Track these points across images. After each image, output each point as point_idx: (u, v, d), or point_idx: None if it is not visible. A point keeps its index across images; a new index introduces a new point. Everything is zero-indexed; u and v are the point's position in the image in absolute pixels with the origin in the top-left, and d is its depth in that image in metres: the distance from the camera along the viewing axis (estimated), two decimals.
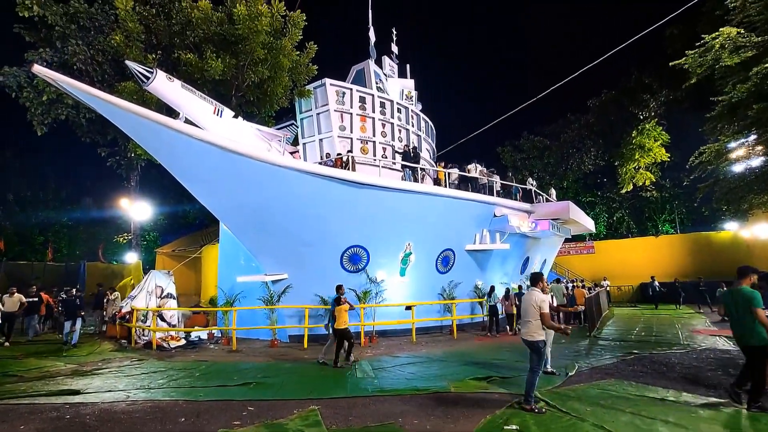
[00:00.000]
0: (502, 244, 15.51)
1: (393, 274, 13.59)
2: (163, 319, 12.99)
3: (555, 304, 11.04)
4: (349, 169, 12.85)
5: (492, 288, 14.35)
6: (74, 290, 14.07)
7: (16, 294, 12.87)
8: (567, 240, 24.60)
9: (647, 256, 28.95)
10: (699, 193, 17.04)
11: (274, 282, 12.47)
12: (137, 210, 19.50)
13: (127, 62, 9.22)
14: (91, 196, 38.53)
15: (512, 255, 17.16)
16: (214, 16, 13.04)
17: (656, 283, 23.43)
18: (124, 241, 31.46)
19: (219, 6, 13.90)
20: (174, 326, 13.12)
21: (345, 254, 12.69)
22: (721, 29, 11.42)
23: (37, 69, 7.38)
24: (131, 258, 22.96)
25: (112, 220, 33.06)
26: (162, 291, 14.07)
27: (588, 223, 20.96)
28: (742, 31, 11.27)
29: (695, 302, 22.28)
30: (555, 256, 24.04)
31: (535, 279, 6.03)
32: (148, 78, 9.14)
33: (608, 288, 25.25)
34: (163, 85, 9.39)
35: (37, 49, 13.49)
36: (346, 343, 8.85)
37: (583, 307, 15.00)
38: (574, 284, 20.06)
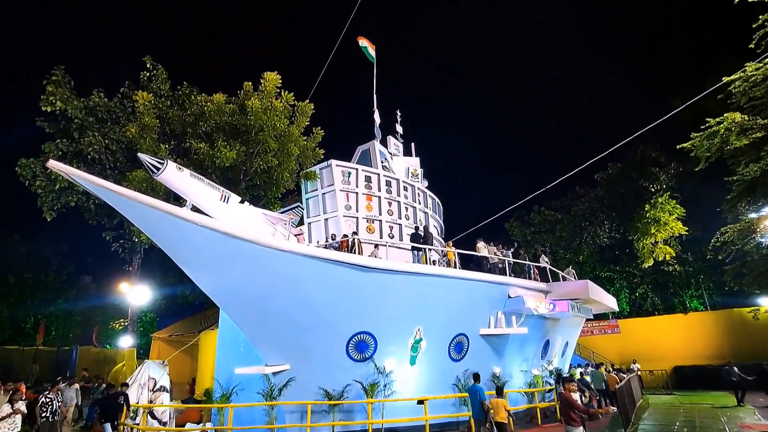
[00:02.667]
0: (520, 328, 15.03)
1: (403, 363, 13.04)
2: (153, 417, 12.38)
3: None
4: (355, 251, 12.95)
5: (562, 375, 13.64)
6: (109, 384, 12.87)
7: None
8: (589, 319, 23.80)
9: (678, 335, 27.73)
10: (727, 276, 16.84)
11: (274, 374, 12.00)
12: (136, 294, 19.50)
13: (140, 155, 9.81)
14: (91, 275, 38.77)
15: (531, 338, 16.53)
16: (226, 108, 14.11)
17: (736, 369, 17.96)
18: (120, 327, 31.03)
19: (232, 97, 15.08)
20: (165, 424, 12.45)
21: (351, 341, 12.32)
22: (725, 114, 12.00)
23: (52, 164, 7.85)
24: (126, 342, 22.48)
25: (110, 302, 32.91)
26: (155, 383, 13.57)
27: (610, 302, 20.40)
28: (747, 117, 11.83)
29: (729, 388, 20.63)
30: (577, 337, 23.10)
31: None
32: (158, 169, 9.66)
33: (639, 372, 23.86)
34: (173, 175, 9.89)
35: (55, 140, 14.51)
36: None
37: (615, 410, 14.24)
38: (607, 370, 19.07)
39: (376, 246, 14.39)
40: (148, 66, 15.97)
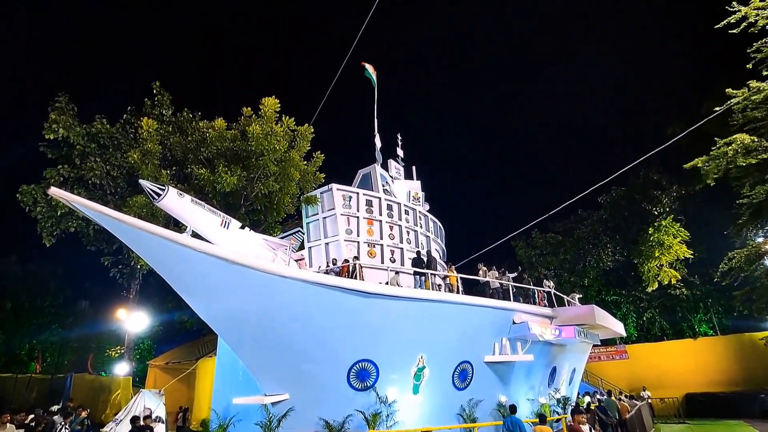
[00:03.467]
0: (525, 355, 14.81)
1: (405, 392, 12.80)
2: None
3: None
4: (356, 277, 12.90)
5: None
6: (144, 415, 12.36)
7: (8, 424, 11.51)
8: (596, 344, 23.45)
9: (688, 361, 27.25)
10: (736, 301, 16.72)
11: (273, 404, 11.77)
12: (134, 321, 19.34)
13: (141, 182, 9.91)
14: (88, 299, 38.48)
15: (537, 365, 16.27)
16: (228, 134, 14.32)
17: None
18: (116, 355, 30.69)
19: (233, 123, 15.32)
20: None
21: (352, 370, 12.13)
22: (735, 136, 12.17)
23: (54, 191, 7.92)
24: (122, 369, 22.16)
25: (106, 328, 32.61)
26: (150, 413, 13.32)
27: (617, 327, 20.16)
28: (756, 139, 12.00)
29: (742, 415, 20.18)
30: (585, 364, 22.72)
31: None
32: (159, 195, 9.74)
33: (650, 400, 23.34)
34: (174, 201, 9.96)
35: (56, 166, 14.68)
36: None
37: None
38: (617, 397, 18.69)
39: (397, 272, 14.35)
40: (154, 91, 16.32)
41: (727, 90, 12.82)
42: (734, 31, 12.65)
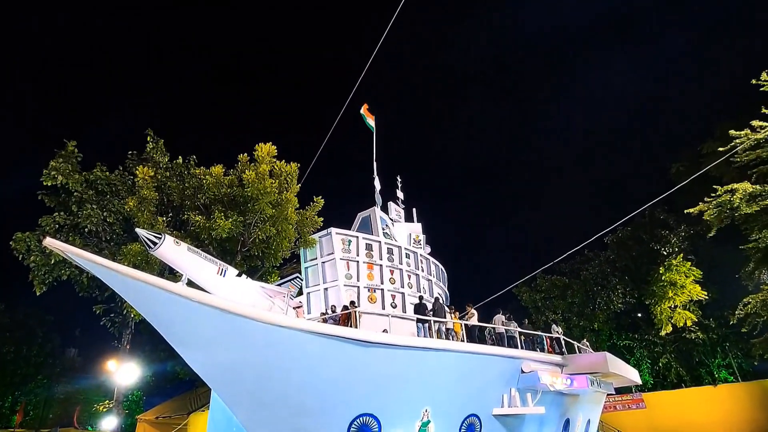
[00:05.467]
0: (536, 408, 14.32)
1: None
2: None
3: None
4: (351, 324, 12.75)
5: None
6: None
7: None
8: (610, 393, 22.71)
9: (709, 410, 26.28)
10: (756, 350, 16.36)
11: None
12: (124, 373, 18.90)
13: (138, 230, 10.00)
14: (77, 347, 37.72)
15: (549, 418, 15.68)
16: (225, 180, 14.58)
17: None
18: (104, 410, 29.75)
19: (230, 170, 15.62)
20: None
21: (353, 425, 11.71)
22: (737, 185, 12.36)
23: (48, 242, 7.98)
24: (109, 424, 21.46)
25: (95, 379, 31.78)
26: None
27: (632, 375, 19.57)
28: (757, 187, 12.18)
29: None
30: (600, 414, 21.92)
31: None
32: (155, 243, 9.79)
33: None
34: (170, 249, 10.01)
35: (53, 213, 14.84)
36: None
37: None
38: None
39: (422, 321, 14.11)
40: (148, 138, 16.70)
41: (730, 131, 13.14)
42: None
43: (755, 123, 13.24)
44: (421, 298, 16.36)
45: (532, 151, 77.95)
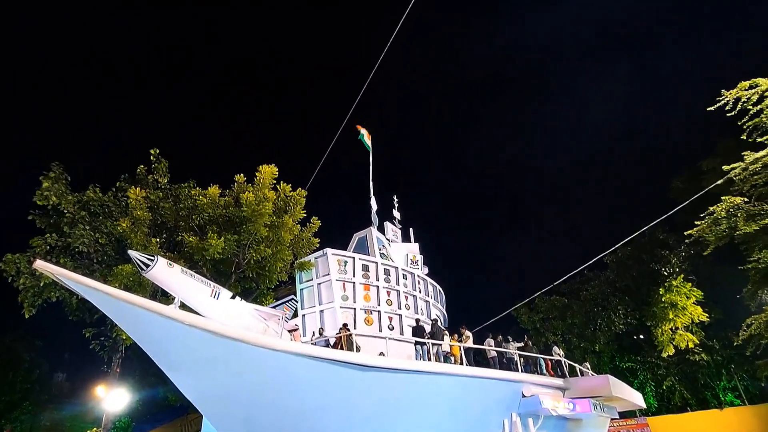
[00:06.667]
0: None
1: None
2: None
3: None
4: (343, 347, 12.64)
5: None
6: None
7: None
8: (614, 418, 22.34)
9: None
10: (761, 372, 16.22)
11: None
12: (113, 399, 18.50)
13: (130, 252, 9.96)
14: (65, 372, 37.03)
15: None
16: (221, 201, 14.60)
17: None
18: None
19: (226, 190, 15.65)
20: None
21: None
22: (723, 198, 12.49)
23: (38, 265, 7.94)
24: None
25: (83, 405, 31.10)
26: None
27: (635, 398, 19.32)
28: (754, 204, 12.29)
29: None
30: None
31: None
32: (147, 266, 9.75)
33: None
34: (163, 272, 9.96)
35: (44, 234, 14.78)
36: None
37: None
38: None
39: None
40: (152, 158, 16.74)
41: (723, 167, 13.30)
42: (731, 113, 13.29)
43: (747, 156, 13.44)
44: (417, 320, 16.24)
45: (532, 171, 78.62)
